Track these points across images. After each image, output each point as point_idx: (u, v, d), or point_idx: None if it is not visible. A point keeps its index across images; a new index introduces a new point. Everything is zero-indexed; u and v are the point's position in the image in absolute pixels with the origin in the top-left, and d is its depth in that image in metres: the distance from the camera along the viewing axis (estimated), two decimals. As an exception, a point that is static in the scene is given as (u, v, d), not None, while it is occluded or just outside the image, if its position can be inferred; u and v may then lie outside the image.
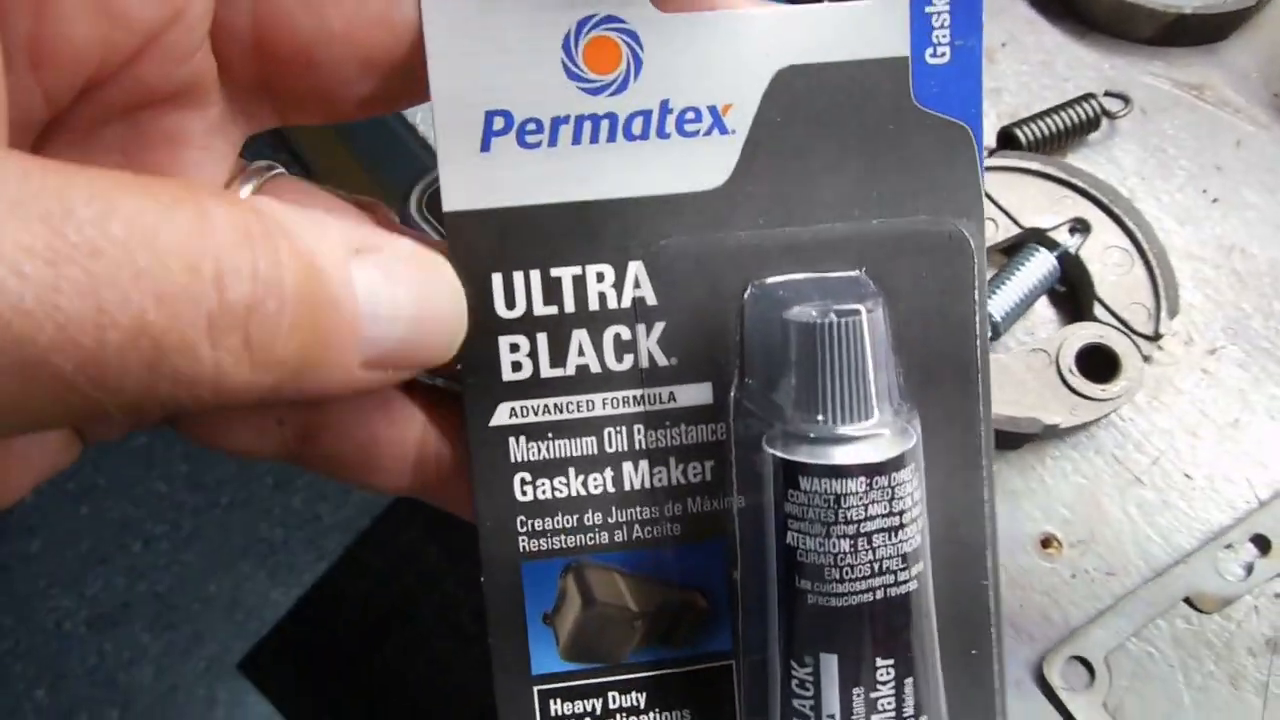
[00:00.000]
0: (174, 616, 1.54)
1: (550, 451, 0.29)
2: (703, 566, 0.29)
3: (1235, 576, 0.48)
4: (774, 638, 0.28)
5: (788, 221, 0.28)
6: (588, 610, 0.29)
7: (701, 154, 0.28)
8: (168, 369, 0.19)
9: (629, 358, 0.28)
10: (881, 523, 0.26)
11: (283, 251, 0.21)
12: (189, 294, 0.19)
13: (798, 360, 0.27)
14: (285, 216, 0.22)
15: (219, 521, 1.57)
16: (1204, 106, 0.58)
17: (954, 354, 0.29)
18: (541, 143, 0.27)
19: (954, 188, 0.28)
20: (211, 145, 0.27)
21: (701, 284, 0.28)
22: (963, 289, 0.29)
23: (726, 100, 0.28)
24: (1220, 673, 0.47)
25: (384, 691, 1.43)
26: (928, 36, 0.28)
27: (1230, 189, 0.56)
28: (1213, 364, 0.53)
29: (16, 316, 0.17)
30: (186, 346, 0.19)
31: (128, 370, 0.19)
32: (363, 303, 0.23)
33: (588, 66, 0.27)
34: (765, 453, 0.27)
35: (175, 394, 0.20)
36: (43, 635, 1.53)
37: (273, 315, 0.21)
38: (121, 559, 1.56)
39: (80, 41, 0.23)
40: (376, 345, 0.23)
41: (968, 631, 0.29)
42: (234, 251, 0.20)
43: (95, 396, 0.19)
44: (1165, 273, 0.51)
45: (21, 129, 0.24)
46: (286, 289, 0.21)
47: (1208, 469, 0.51)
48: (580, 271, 0.28)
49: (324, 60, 0.26)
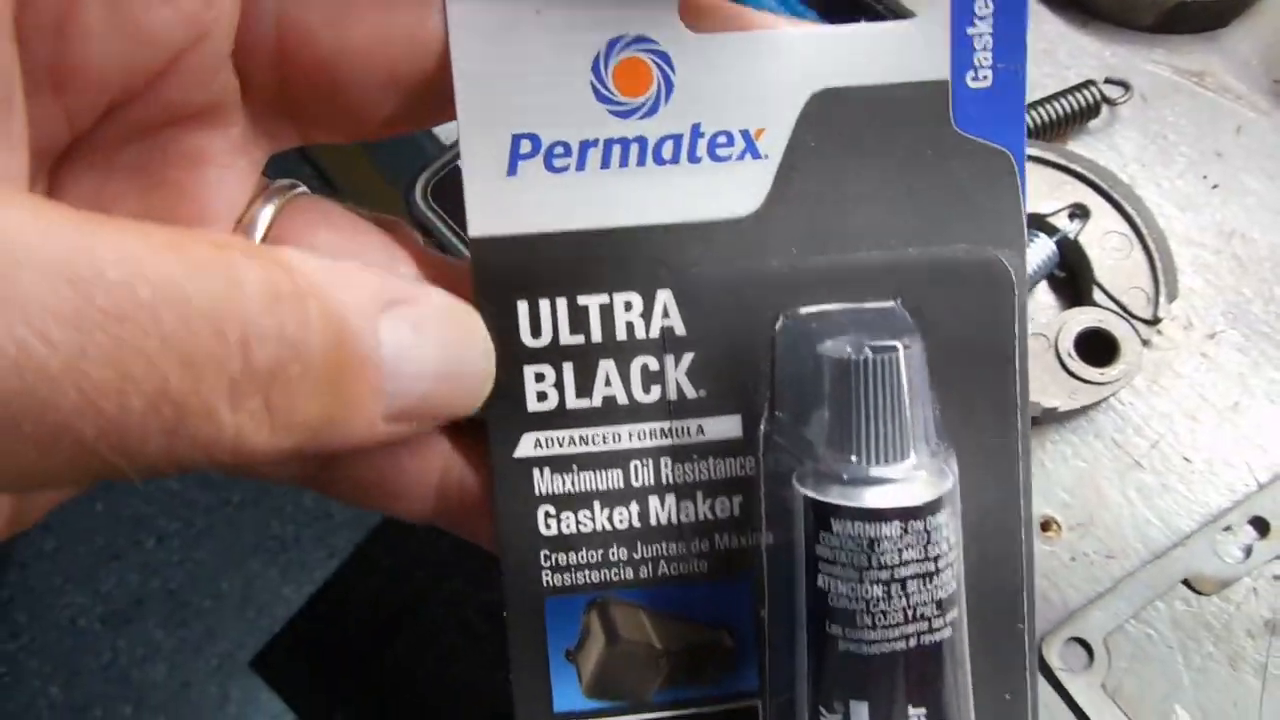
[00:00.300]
0: (187, 613, 1.55)
1: (575, 484, 0.28)
2: (730, 604, 0.28)
3: (1234, 559, 0.49)
4: (803, 682, 0.27)
5: (822, 250, 0.27)
6: (612, 648, 0.28)
7: (733, 179, 0.27)
8: (187, 433, 0.19)
9: (656, 389, 0.28)
10: (916, 568, 0.25)
11: (312, 312, 0.21)
12: (214, 359, 0.19)
13: (831, 397, 0.26)
14: (317, 273, 0.21)
15: (231, 519, 1.58)
16: (1204, 93, 0.59)
17: (992, 389, 0.28)
18: (569, 167, 0.27)
19: (995, 216, 0.27)
20: (234, 164, 0.26)
21: (732, 314, 0.27)
22: (1002, 321, 0.27)
23: (759, 124, 0.27)
24: (1219, 654, 0.47)
25: (394, 688, 1.43)
26: (969, 59, 0.27)
27: (1230, 175, 0.56)
28: (1212, 348, 0.53)
29: (42, 383, 0.17)
30: (207, 411, 0.19)
31: (148, 435, 0.19)
32: (389, 360, 0.23)
33: (618, 89, 0.26)
34: (796, 491, 0.26)
35: (193, 456, 0.19)
36: (57, 632, 1.54)
37: (296, 379, 0.20)
38: (135, 556, 1.58)
39: (104, 64, 0.23)
40: (400, 400, 0.23)
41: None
42: (262, 314, 0.20)
43: (115, 460, 0.18)
44: (1164, 258, 0.51)
45: (43, 151, 0.24)
46: (313, 352, 0.21)
47: (1207, 452, 0.51)
48: (608, 300, 0.27)
49: (348, 80, 0.25)
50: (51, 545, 1.58)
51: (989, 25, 0.26)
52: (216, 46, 0.24)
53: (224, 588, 1.56)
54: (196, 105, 0.25)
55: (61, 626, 1.54)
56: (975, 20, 0.27)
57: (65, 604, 1.55)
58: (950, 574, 0.26)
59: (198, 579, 1.56)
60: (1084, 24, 0.61)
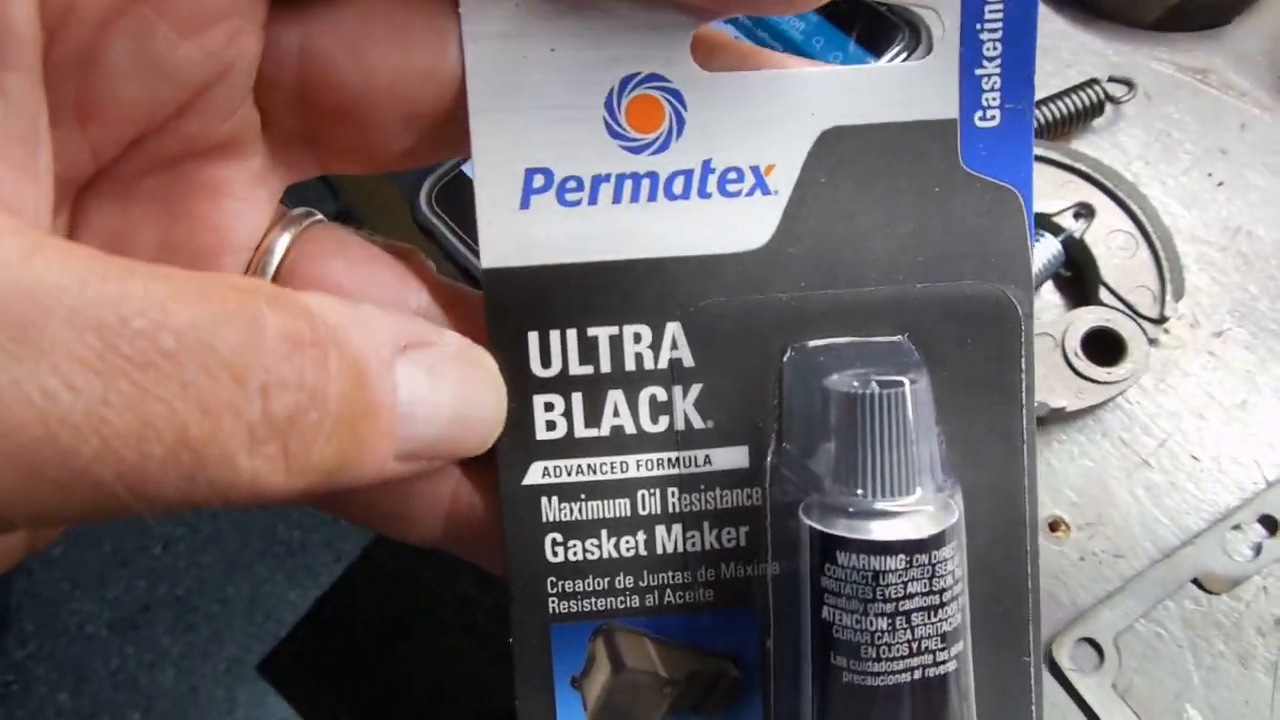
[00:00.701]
0: (194, 618, 1.55)
1: (583, 513, 0.28)
2: (735, 634, 0.29)
3: (1243, 557, 0.48)
4: (807, 714, 0.27)
5: (830, 284, 0.28)
6: (617, 675, 0.28)
7: (743, 214, 0.27)
8: (205, 478, 0.19)
9: (664, 419, 0.28)
10: (921, 601, 0.25)
11: (331, 360, 0.21)
12: (233, 406, 0.19)
13: (837, 431, 0.26)
14: (337, 319, 0.22)
15: (237, 524, 1.59)
16: (1208, 90, 0.59)
17: (999, 425, 0.28)
18: (581, 201, 0.27)
19: (1002, 253, 0.28)
20: (252, 195, 0.27)
21: (740, 346, 0.28)
22: (1009, 357, 0.28)
23: (769, 160, 0.27)
24: (1229, 653, 0.47)
25: (401, 692, 1.43)
26: (977, 99, 0.27)
27: (1235, 172, 0.56)
28: (1219, 346, 0.53)
29: (64, 430, 0.17)
30: (226, 457, 0.19)
31: (166, 480, 0.19)
32: (403, 403, 0.23)
33: (630, 125, 0.27)
34: (801, 523, 0.26)
35: (209, 499, 0.20)
36: (65, 638, 1.54)
37: (313, 425, 0.21)
38: (142, 562, 1.58)
39: (129, 99, 0.23)
40: (411, 442, 0.23)
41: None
42: (282, 362, 0.20)
43: (132, 504, 0.19)
44: (1170, 256, 0.51)
45: (67, 182, 0.24)
46: (330, 399, 0.21)
47: (1215, 450, 0.51)
48: (617, 331, 0.28)
49: (368, 114, 0.26)
50: (58, 552, 1.58)
51: (997, 66, 0.27)
52: (239, 81, 0.24)
53: (230, 593, 1.56)
54: (218, 138, 0.25)
55: (69, 633, 1.55)
56: (984, 61, 0.27)
57: (73, 610, 1.56)
58: (955, 607, 0.26)
59: (204, 584, 1.57)
60: (1087, 22, 0.61)
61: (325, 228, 0.29)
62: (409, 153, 0.27)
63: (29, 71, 0.21)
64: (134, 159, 0.25)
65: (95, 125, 0.23)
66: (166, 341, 0.19)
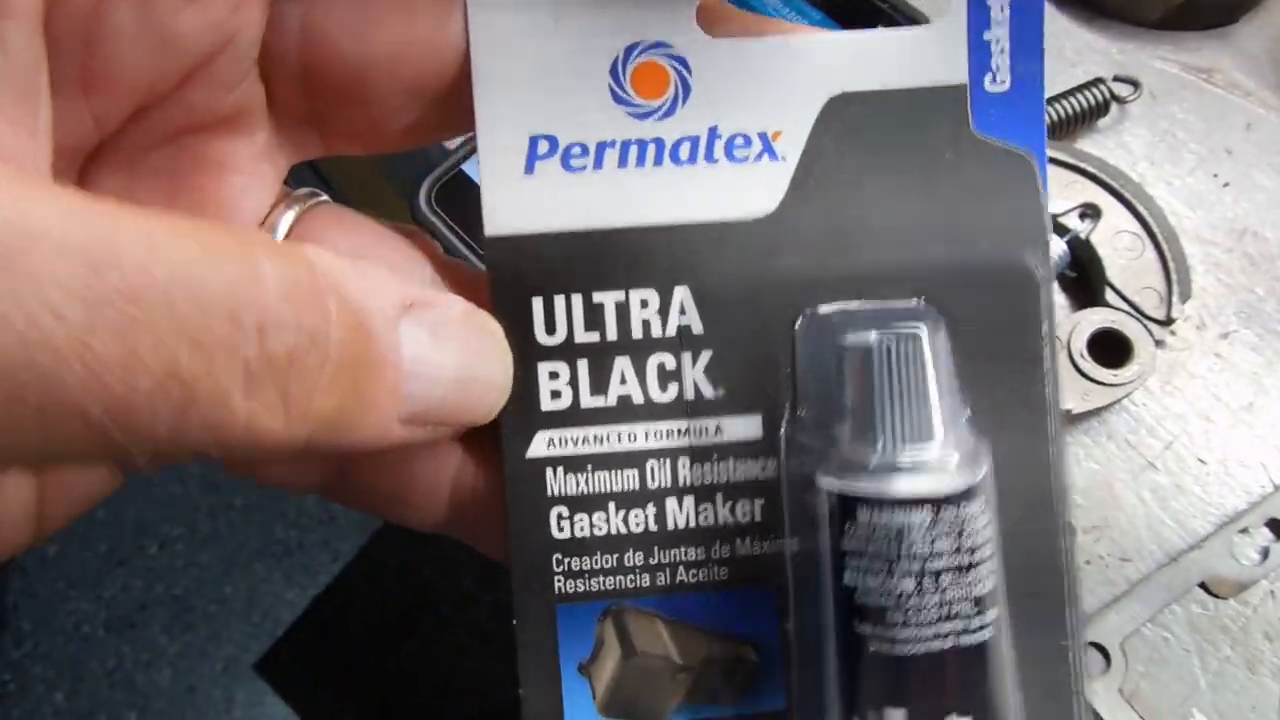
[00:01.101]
0: (191, 618, 1.55)
1: (589, 485, 0.27)
2: (753, 616, 0.27)
3: (1251, 561, 0.48)
4: (831, 693, 0.25)
5: (841, 251, 0.27)
6: (627, 661, 0.27)
7: (750, 180, 0.27)
8: (198, 417, 0.19)
9: (673, 387, 0.27)
10: (949, 560, 0.24)
11: (331, 306, 0.21)
12: (227, 343, 0.19)
13: (853, 385, 0.25)
14: (338, 270, 0.21)
15: (234, 523, 1.58)
16: (1213, 90, 0.58)
17: (1022, 393, 0.27)
18: (586, 166, 0.27)
19: (1017, 216, 0.27)
20: (257, 170, 0.27)
21: (750, 312, 0.27)
22: (1029, 323, 0.27)
23: (777, 126, 0.27)
24: (1237, 657, 0.47)
25: (400, 690, 1.43)
26: (986, 64, 0.27)
27: (1241, 172, 0.56)
28: (1225, 348, 0.52)
29: (47, 356, 0.17)
30: (220, 395, 0.19)
31: (156, 416, 0.18)
32: (407, 361, 0.23)
33: (635, 91, 0.27)
34: (819, 486, 0.25)
35: (204, 441, 0.19)
36: (61, 637, 1.54)
37: (313, 370, 0.20)
38: (139, 561, 1.57)
39: (132, 68, 0.23)
40: (416, 403, 0.23)
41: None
42: (280, 303, 0.20)
43: (121, 440, 0.18)
44: (1177, 257, 0.51)
45: (70, 153, 0.24)
46: (331, 344, 0.21)
47: (1221, 453, 0.50)
48: (624, 297, 0.27)
49: (371, 86, 0.26)
50: (55, 551, 1.58)
51: (1005, 30, 0.27)
52: (243, 52, 0.24)
53: (228, 592, 1.56)
54: (222, 111, 0.25)
55: (66, 632, 1.54)
56: (992, 24, 0.27)
57: (69, 610, 1.55)
58: (987, 570, 0.25)
59: (202, 584, 1.56)
60: (1091, 20, 0.60)
61: (330, 207, 0.29)
62: (413, 129, 0.27)
63: (27, 22, 0.21)
64: (139, 131, 0.25)
65: (98, 93, 0.23)
66: (157, 274, 0.18)
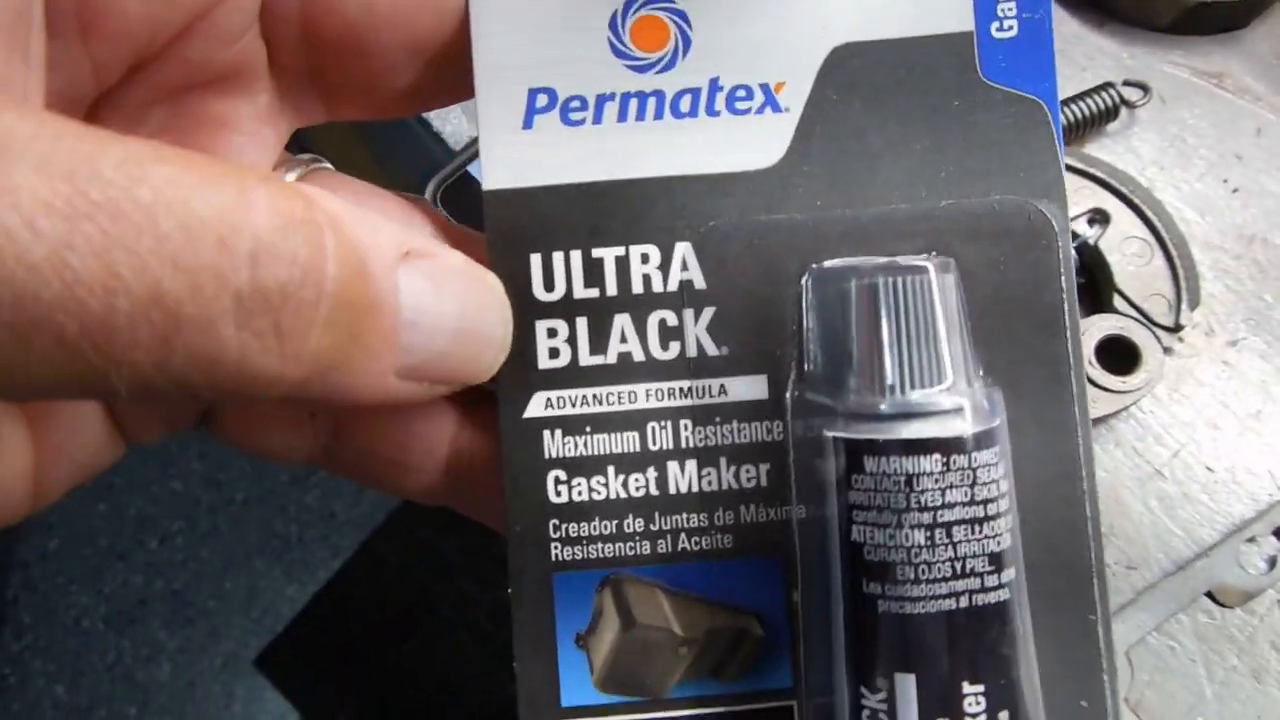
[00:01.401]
0: (191, 613, 1.55)
1: (588, 447, 0.26)
2: (759, 586, 0.26)
3: (1258, 570, 0.48)
4: (840, 660, 0.24)
5: (847, 203, 0.26)
6: (627, 633, 0.26)
7: (753, 132, 0.26)
8: (183, 345, 0.18)
9: (675, 345, 0.26)
10: (962, 512, 0.23)
11: (328, 240, 0.20)
12: (216, 269, 0.18)
13: (860, 328, 0.24)
14: (336, 209, 0.21)
15: (235, 518, 1.58)
16: (1224, 95, 0.58)
17: (1041, 349, 0.26)
18: (586, 120, 0.26)
19: (1031, 166, 0.26)
20: (259, 131, 0.27)
21: (754, 268, 0.26)
22: (1048, 275, 0.26)
23: (779, 78, 0.26)
24: (1243, 667, 0.47)
25: (399, 687, 1.43)
26: (992, 10, 0.26)
27: (1251, 178, 0.56)
28: (1234, 355, 0.52)
29: (21, 269, 0.17)
30: (206, 323, 0.18)
31: (138, 341, 0.18)
32: (406, 309, 0.22)
33: (635, 44, 0.26)
34: (826, 440, 0.24)
35: (190, 373, 0.19)
36: (61, 631, 1.54)
37: (309, 305, 0.20)
38: (139, 556, 1.57)
39: (130, 14, 0.23)
40: (414, 355, 0.22)
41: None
42: (274, 234, 0.19)
43: (101, 365, 0.18)
44: (1186, 263, 0.51)
45: (70, 102, 0.24)
46: (327, 281, 0.20)
47: (1229, 461, 0.50)
48: (624, 252, 0.26)
49: (371, 44, 0.26)
50: (55, 545, 1.58)
51: None
52: (242, 7, 0.24)
53: (228, 587, 1.56)
54: (222, 68, 0.25)
55: (66, 627, 1.54)
56: None
57: (69, 604, 1.55)
58: (1003, 524, 0.23)
59: (201, 579, 1.56)
60: (1101, 24, 0.60)
61: (333, 174, 0.29)
62: (414, 90, 0.27)
63: None
64: (139, 87, 0.25)
65: (96, 39, 0.23)
66: (142, 194, 0.18)
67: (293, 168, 0.28)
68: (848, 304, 0.25)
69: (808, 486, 0.26)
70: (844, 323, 0.25)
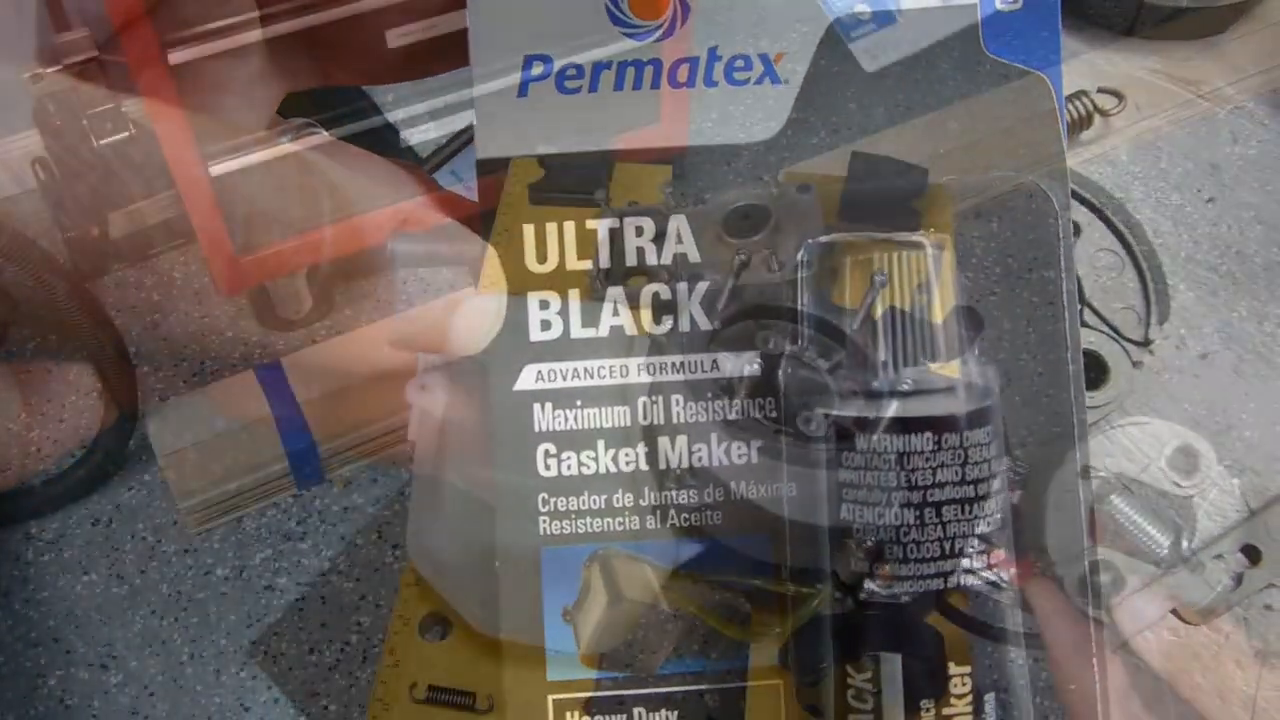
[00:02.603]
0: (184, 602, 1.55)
1: (579, 421, 0.26)
2: (748, 563, 0.26)
3: (1224, 587, 0.48)
4: (827, 639, 0.24)
5: (845, 177, 0.26)
6: (614, 607, 0.26)
7: (751, 104, 0.26)
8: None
9: (668, 320, 0.26)
10: (953, 492, 0.22)
11: (324, 199, 0.21)
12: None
13: (855, 306, 0.24)
14: (328, 164, 0.22)
15: (226, 508, 1.58)
16: (1200, 103, 0.57)
17: (1039, 326, 0.26)
18: (581, 88, 0.26)
19: (1032, 141, 0.26)
20: (251, 94, 0.27)
21: (750, 242, 0.26)
22: (1046, 252, 0.26)
23: (779, 49, 0.26)
24: (1207, 685, 0.46)
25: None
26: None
27: (1226, 188, 0.55)
28: (1205, 369, 0.52)
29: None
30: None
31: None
32: (400, 254, 0.23)
33: (633, 12, 0.26)
34: (815, 416, 0.24)
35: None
36: (54, 621, 1.54)
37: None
38: (131, 546, 1.58)
39: None
40: (408, 322, 0.23)
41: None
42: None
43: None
44: (1157, 277, 0.50)
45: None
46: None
47: (1197, 477, 0.50)
48: (618, 224, 0.26)
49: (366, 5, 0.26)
50: (49, 535, 1.58)
51: None
52: None
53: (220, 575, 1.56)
54: (215, 22, 0.26)
55: (58, 616, 1.55)
56: None
57: (62, 594, 1.56)
58: (995, 505, 0.23)
59: (195, 568, 1.56)
60: (1077, 30, 0.59)
61: (326, 140, 0.29)
62: (409, 56, 0.27)
63: None
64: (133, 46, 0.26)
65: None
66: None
67: (287, 131, 0.28)
68: (842, 279, 0.25)
69: (798, 466, 0.25)
70: (839, 298, 0.25)
